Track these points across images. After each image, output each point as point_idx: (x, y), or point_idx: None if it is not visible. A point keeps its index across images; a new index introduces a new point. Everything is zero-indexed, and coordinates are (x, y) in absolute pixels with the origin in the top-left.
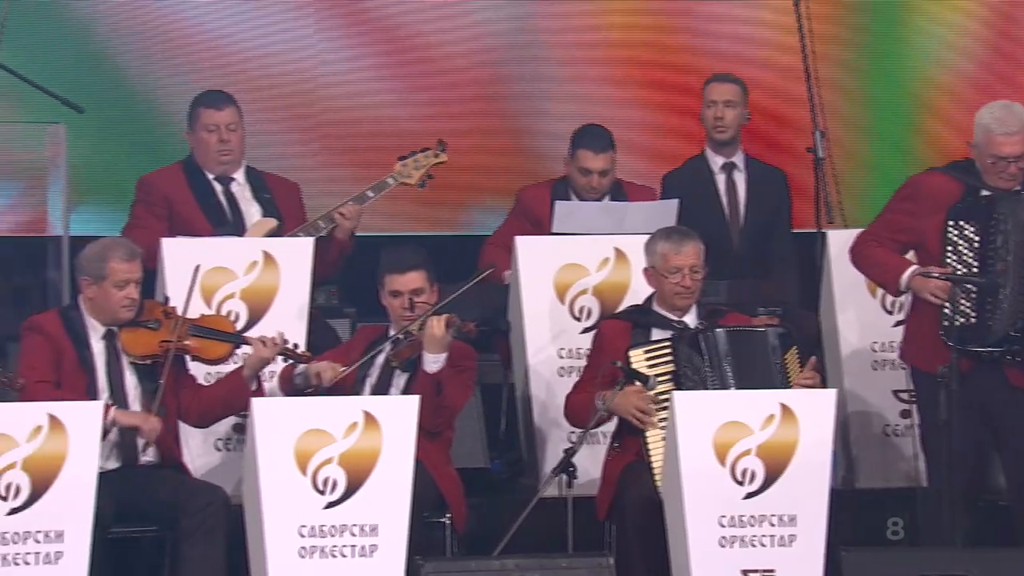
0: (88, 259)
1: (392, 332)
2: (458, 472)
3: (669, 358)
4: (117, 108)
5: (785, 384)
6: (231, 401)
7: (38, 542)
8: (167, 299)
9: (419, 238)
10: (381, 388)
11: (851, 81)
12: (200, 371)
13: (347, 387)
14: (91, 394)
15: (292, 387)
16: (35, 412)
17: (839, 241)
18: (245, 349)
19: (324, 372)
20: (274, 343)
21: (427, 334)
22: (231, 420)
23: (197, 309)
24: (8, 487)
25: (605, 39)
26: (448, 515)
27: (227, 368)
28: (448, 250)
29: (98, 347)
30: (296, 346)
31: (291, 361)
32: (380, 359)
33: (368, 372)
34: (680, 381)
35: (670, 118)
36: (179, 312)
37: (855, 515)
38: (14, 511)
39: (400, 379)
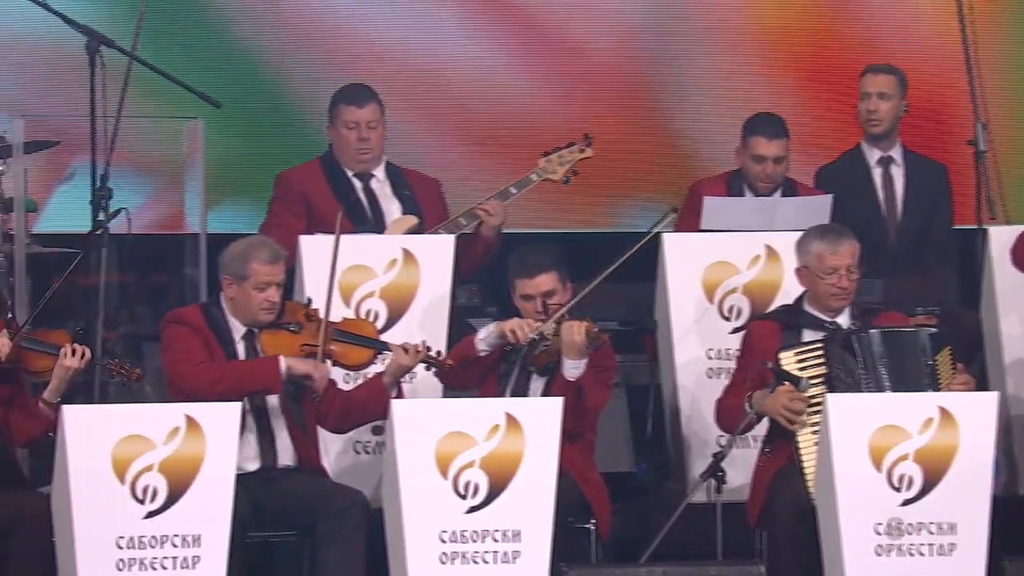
0: (231, 257)
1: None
2: (603, 476)
3: (821, 360)
4: (255, 102)
5: (935, 386)
6: (370, 407)
7: (175, 546)
8: (310, 301)
9: (564, 235)
10: (519, 393)
11: (1015, 71)
12: (338, 374)
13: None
14: None
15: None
16: (172, 413)
17: (1001, 238)
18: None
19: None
20: (416, 351)
21: (566, 340)
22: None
23: (339, 311)
24: (145, 490)
25: (757, 28)
26: (593, 521)
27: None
28: (594, 248)
29: (239, 347)
30: (439, 354)
31: (433, 369)
32: (513, 361)
33: (504, 374)
34: (833, 383)
35: (825, 110)
36: (321, 315)
37: (1018, 523)
38: (151, 514)
39: (538, 384)
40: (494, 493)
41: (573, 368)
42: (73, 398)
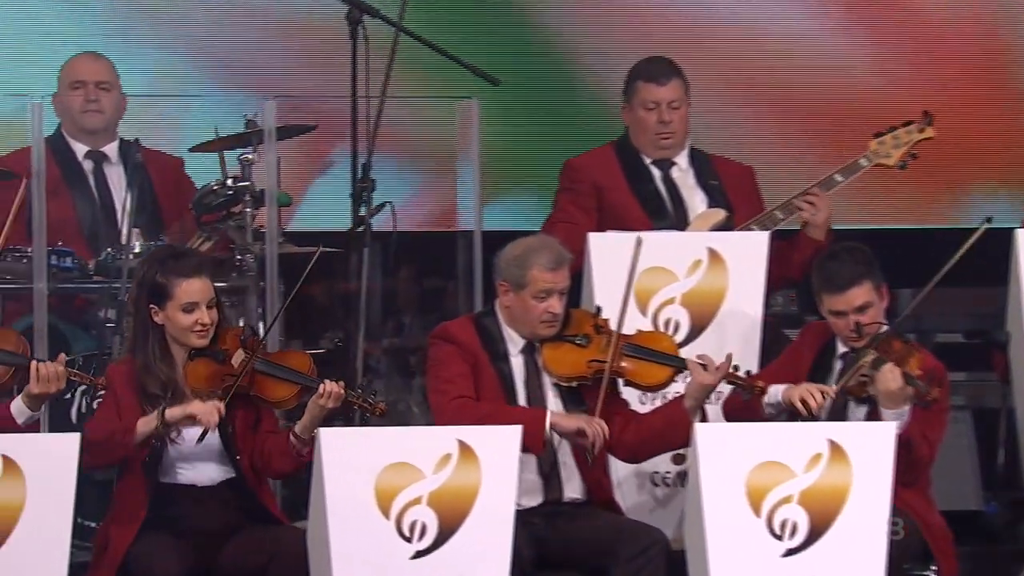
0: (508, 261)
1: (841, 347)
2: (945, 516)
3: None
4: (538, 80)
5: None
6: (669, 434)
7: None
8: (599, 310)
9: (897, 232)
10: (835, 420)
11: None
12: (632, 395)
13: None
14: None
15: (748, 417)
16: (443, 438)
17: None
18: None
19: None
20: (720, 369)
21: (881, 388)
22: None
23: (633, 321)
24: (413, 526)
25: None
26: (934, 567)
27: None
28: (938, 247)
29: (516, 362)
30: (748, 373)
31: (739, 390)
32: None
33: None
34: None
35: None
36: (612, 326)
37: None
38: (420, 554)
39: (858, 412)
40: (816, 533)
41: (893, 418)
42: (331, 420)
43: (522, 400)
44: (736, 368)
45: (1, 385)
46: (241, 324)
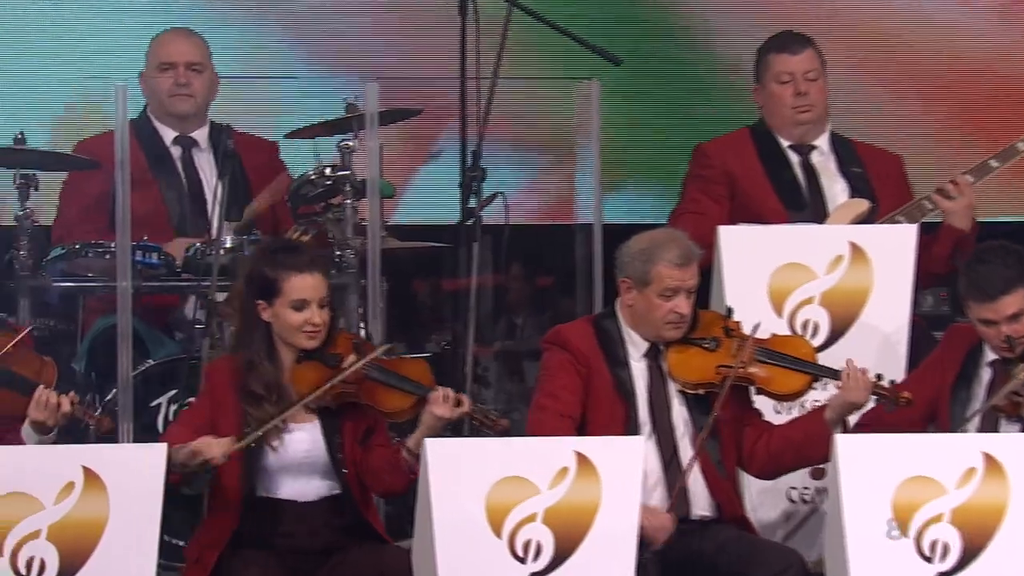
0: (631, 256)
1: (990, 353)
2: None
3: None
4: (664, 60)
5: None
6: (807, 448)
7: None
8: (730, 311)
9: None
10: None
11: None
12: (766, 404)
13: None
14: (630, 427)
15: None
16: (560, 450)
17: None
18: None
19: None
20: (861, 379)
21: None
22: None
23: (767, 323)
24: (527, 545)
25: None
26: None
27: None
28: None
29: (638, 367)
30: (893, 383)
31: (882, 401)
32: (979, 391)
33: (967, 403)
34: None
35: None
36: (744, 329)
37: None
38: None
39: (1010, 428)
40: (969, 555)
41: None
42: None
43: (643, 409)
44: (880, 377)
45: (15, 415)
46: (361, 332)
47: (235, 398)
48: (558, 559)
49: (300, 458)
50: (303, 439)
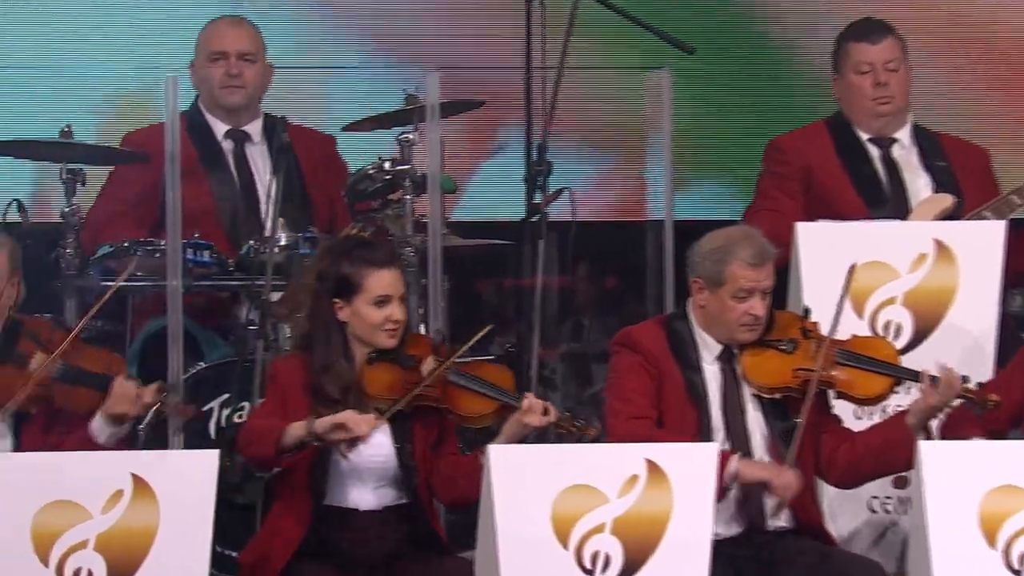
0: (704, 255)
1: None
2: None
3: None
4: (740, 48)
5: None
6: (888, 456)
7: None
8: (807, 312)
9: None
10: None
11: None
12: (846, 409)
13: None
14: (702, 433)
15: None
16: (629, 457)
17: None
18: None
19: None
20: (950, 382)
21: None
22: None
23: (848, 324)
24: (595, 557)
25: None
26: None
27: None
28: None
29: (711, 371)
30: (980, 385)
31: (970, 404)
32: None
33: None
34: None
35: None
36: (823, 330)
37: None
38: None
39: None
40: None
41: None
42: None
43: (716, 415)
44: (966, 379)
45: (94, 408)
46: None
47: (304, 399)
48: (628, 571)
49: (371, 464)
50: (374, 444)
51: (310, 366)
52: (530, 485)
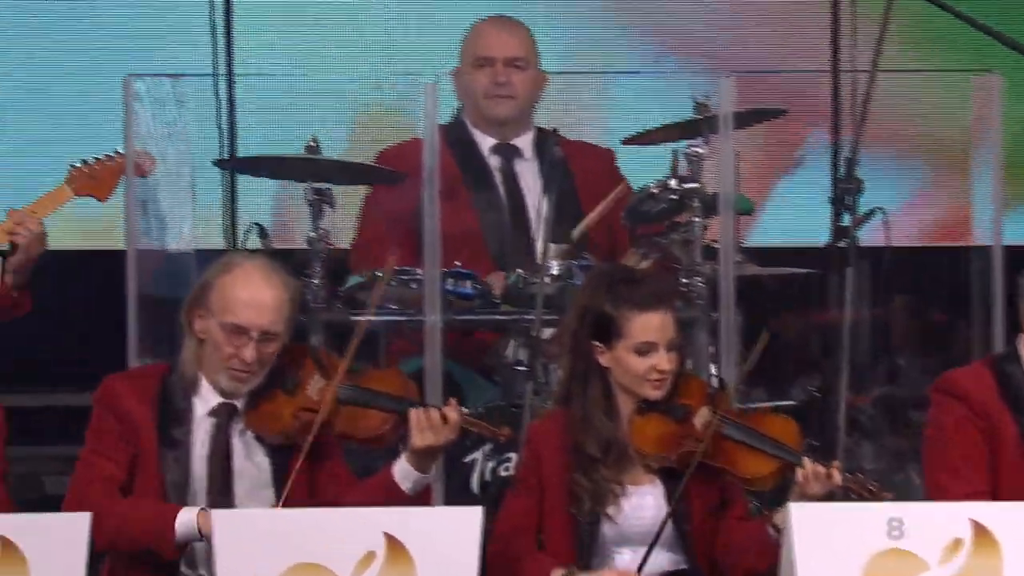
0: None
1: None
2: None
3: None
4: None
5: None
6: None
7: None
8: None
9: None
10: None
11: None
12: None
13: None
14: None
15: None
16: (952, 516)
17: None
18: None
19: None
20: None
21: None
22: None
23: None
24: None
25: None
26: None
27: None
28: None
29: None
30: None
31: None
32: None
33: None
34: None
35: None
36: None
37: None
38: None
39: None
40: None
41: None
42: None
43: None
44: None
45: (383, 439)
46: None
47: (561, 458)
48: None
49: (641, 527)
50: (644, 505)
51: (569, 421)
52: (838, 548)
